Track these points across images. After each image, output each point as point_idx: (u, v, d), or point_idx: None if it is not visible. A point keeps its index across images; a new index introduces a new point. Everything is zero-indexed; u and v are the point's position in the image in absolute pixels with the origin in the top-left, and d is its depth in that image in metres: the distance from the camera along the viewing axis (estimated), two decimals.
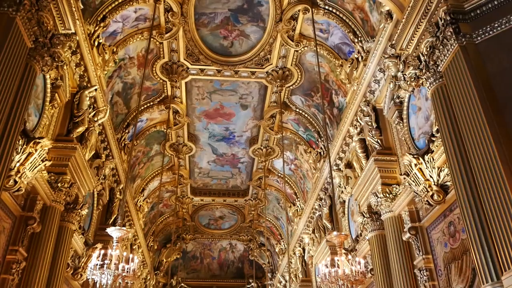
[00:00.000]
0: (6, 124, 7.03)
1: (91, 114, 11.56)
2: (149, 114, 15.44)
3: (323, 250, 15.04)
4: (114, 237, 7.06)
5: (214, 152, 18.66)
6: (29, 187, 9.41)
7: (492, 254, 6.15)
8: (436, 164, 8.66)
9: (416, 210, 9.87)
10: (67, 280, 11.76)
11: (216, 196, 21.72)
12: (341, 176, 13.84)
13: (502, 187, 6.09)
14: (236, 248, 26.64)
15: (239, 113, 16.35)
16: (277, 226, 23.00)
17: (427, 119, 9.37)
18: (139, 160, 17.10)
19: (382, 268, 10.43)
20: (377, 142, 11.14)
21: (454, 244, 8.43)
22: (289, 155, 18.01)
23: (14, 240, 9.15)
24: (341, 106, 13.44)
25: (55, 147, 10.03)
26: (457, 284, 8.11)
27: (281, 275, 22.72)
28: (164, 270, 25.19)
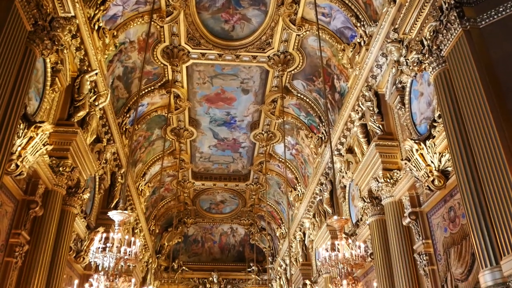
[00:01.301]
0: (7, 108, 7.02)
1: (92, 99, 11.54)
2: (150, 99, 15.40)
3: (323, 235, 15.12)
4: (116, 220, 7.09)
5: (215, 137, 18.67)
6: (31, 171, 9.44)
7: (491, 239, 6.18)
8: (438, 149, 8.65)
9: (416, 195, 9.90)
10: (70, 263, 11.86)
11: (217, 180, 21.78)
12: (342, 161, 13.86)
13: (503, 173, 6.09)
14: (237, 232, 26.80)
15: (240, 97, 16.30)
16: (278, 210, 23.10)
17: (429, 105, 9.34)
18: (140, 144, 17.11)
19: (382, 252, 10.50)
20: (378, 127, 11.11)
21: (454, 229, 8.46)
22: (290, 140, 18.00)
23: (16, 223, 9.21)
24: (343, 91, 13.39)
25: (56, 131, 10.03)
26: (456, 269, 8.16)
27: (282, 259, 22.90)
28: (166, 253, 25.40)
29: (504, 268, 5.82)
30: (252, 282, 26.33)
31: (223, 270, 26.57)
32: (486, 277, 6.10)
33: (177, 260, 25.94)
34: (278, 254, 24.25)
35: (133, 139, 15.22)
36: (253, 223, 25.66)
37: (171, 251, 24.95)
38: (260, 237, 26.10)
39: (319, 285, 16.08)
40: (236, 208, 24.60)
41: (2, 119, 6.91)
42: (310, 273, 18.06)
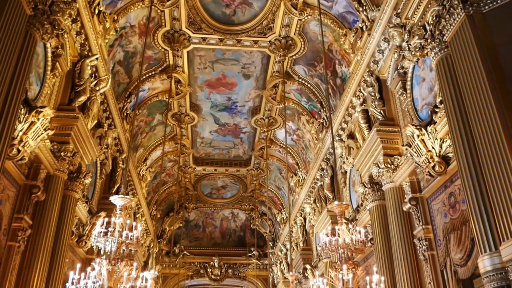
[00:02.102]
0: (8, 93, 7.01)
1: (93, 83, 11.51)
2: (151, 84, 15.36)
3: (324, 220, 15.19)
4: (117, 205, 7.12)
5: (216, 122, 18.65)
6: (32, 156, 9.46)
7: (491, 224, 6.22)
8: (439, 135, 8.65)
9: (417, 181, 9.92)
10: (72, 248, 11.95)
11: (218, 166, 21.81)
12: (343, 147, 13.87)
13: (504, 159, 6.10)
14: (238, 217, 26.92)
15: (241, 82, 16.25)
16: (279, 195, 23.18)
17: (431, 90, 9.31)
18: (141, 129, 17.11)
19: (382, 237, 10.56)
20: (380, 113, 11.09)
21: (454, 214, 8.50)
22: (291, 126, 17.99)
23: (19, 208, 9.27)
24: (344, 76, 13.33)
25: (57, 116, 10.04)
26: (455, 254, 8.21)
27: (282, 244, 23.04)
28: (167, 238, 25.57)
29: (503, 253, 5.86)
30: (253, 266, 26.53)
31: (224, 254, 26.75)
32: (485, 262, 6.14)
33: (179, 244, 26.11)
34: (279, 239, 24.40)
35: (134, 124, 15.22)
36: (254, 208, 25.76)
37: (173, 236, 25.10)
38: (261, 222, 26.23)
39: (319, 270, 16.19)
40: (237, 193, 24.69)
41: (3, 104, 6.90)
42: (311, 258, 18.19)
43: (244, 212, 26.30)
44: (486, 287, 6.09)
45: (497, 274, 5.93)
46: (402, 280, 9.55)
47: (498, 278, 5.92)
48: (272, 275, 25.98)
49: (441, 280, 8.91)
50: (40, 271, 9.28)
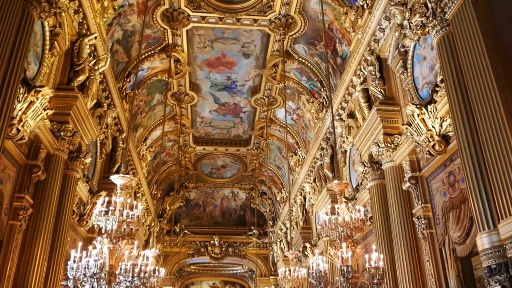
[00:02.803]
0: (6, 72, 6.96)
1: (92, 63, 11.44)
2: (150, 63, 15.27)
3: (323, 199, 15.28)
4: (118, 184, 7.16)
5: (216, 102, 18.59)
6: (32, 135, 9.46)
7: (490, 202, 6.25)
8: (439, 114, 8.63)
9: (417, 160, 9.94)
10: (73, 227, 12.05)
11: (218, 145, 21.84)
12: (343, 126, 13.86)
13: (504, 138, 6.10)
14: (238, 197, 27.07)
15: (241, 62, 16.14)
16: (279, 175, 23.27)
17: (432, 69, 9.26)
18: (141, 109, 17.07)
19: (381, 216, 10.63)
20: (380, 92, 11.05)
21: (453, 193, 8.54)
22: (291, 105, 17.94)
23: (19, 187, 9.31)
24: (345, 55, 13.24)
25: (56, 96, 10.01)
26: (454, 232, 8.28)
27: (282, 223, 23.22)
28: (168, 217, 25.75)
29: (501, 231, 5.90)
30: (253, 245, 26.79)
31: (225, 233, 26.97)
32: (484, 240, 6.19)
33: (179, 223, 26.33)
34: (279, 218, 24.57)
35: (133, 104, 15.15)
36: (254, 187, 25.88)
37: (173, 215, 25.27)
38: (261, 201, 26.38)
39: (319, 248, 16.34)
40: (237, 172, 24.77)
41: (2, 83, 6.87)
42: (310, 236, 18.34)
43: (244, 191, 26.43)
44: (484, 264, 6.15)
45: (495, 252, 5.98)
46: (400, 258, 9.65)
47: (496, 255, 5.97)
48: (272, 254, 26.26)
49: (439, 258, 9.00)
50: (42, 249, 9.37)
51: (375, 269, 6.78)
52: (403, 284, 9.46)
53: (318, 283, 7.09)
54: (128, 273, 6.61)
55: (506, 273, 5.85)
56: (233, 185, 25.88)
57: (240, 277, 31.10)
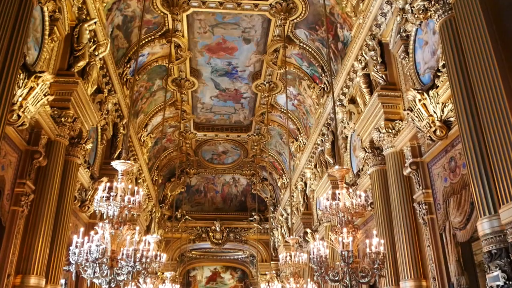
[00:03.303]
0: (6, 57, 6.92)
1: (92, 48, 11.38)
2: (150, 48, 15.18)
3: (324, 184, 15.31)
4: (119, 170, 7.16)
5: (217, 87, 18.53)
6: (33, 121, 9.45)
7: (491, 188, 6.25)
8: (441, 99, 8.60)
9: (418, 145, 9.93)
10: (75, 212, 12.10)
11: (219, 131, 21.83)
12: (344, 112, 13.82)
13: (506, 123, 6.07)
14: (239, 182, 27.12)
15: (241, 47, 16.05)
16: (280, 161, 23.28)
17: (434, 54, 9.20)
18: (142, 95, 17.03)
19: (382, 201, 10.66)
20: (381, 77, 11.00)
21: (454, 179, 8.54)
22: (292, 91, 17.88)
23: (21, 173, 9.33)
24: (346, 40, 13.15)
25: (57, 81, 9.98)
26: (455, 218, 8.30)
27: (283, 209, 23.30)
28: (169, 203, 25.83)
29: (502, 216, 5.92)
30: (254, 230, 26.92)
31: (226, 219, 27.08)
32: (484, 225, 6.21)
33: (180, 209, 26.43)
34: (280, 203, 24.65)
35: (134, 89, 15.14)
36: (255, 173, 25.92)
37: (174, 201, 25.36)
38: (262, 187, 26.45)
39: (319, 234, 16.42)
40: (238, 158, 24.79)
41: (2, 68, 6.83)
42: (311, 222, 18.41)
43: (245, 177, 26.48)
44: (485, 249, 6.17)
45: (496, 237, 6.00)
46: (401, 243, 9.70)
47: (496, 240, 6.00)
48: (273, 239, 26.40)
49: (440, 243, 9.04)
50: (44, 235, 9.42)
51: (376, 254, 6.80)
52: (403, 269, 9.52)
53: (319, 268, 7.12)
54: (130, 258, 6.64)
55: (507, 257, 5.87)
56: (234, 171, 25.91)
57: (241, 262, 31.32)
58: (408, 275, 9.38)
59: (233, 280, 32.16)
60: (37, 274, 9.10)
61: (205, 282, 32.01)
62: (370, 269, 6.77)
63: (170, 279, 13.37)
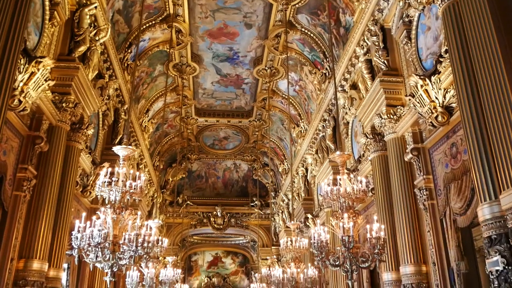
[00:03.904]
0: (6, 42, 6.88)
1: (92, 33, 11.32)
2: (151, 34, 15.10)
3: (325, 170, 15.33)
4: (120, 155, 7.17)
5: (218, 73, 18.47)
6: (34, 107, 9.45)
7: (492, 174, 6.26)
8: (443, 85, 8.57)
9: (419, 131, 9.93)
10: (77, 197, 12.15)
11: (220, 117, 21.80)
12: (345, 97, 13.79)
13: (508, 109, 6.05)
14: (240, 168, 27.17)
15: (243, 32, 15.95)
16: (281, 146, 23.30)
17: (436, 39, 9.14)
18: (143, 80, 16.98)
19: (383, 187, 10.69)
20: (383, 62, 10.95)
21: (455, 164, 8.55)
22: (293, 76, 17.82)
23: (23, 158, 9.35)
24: (348, 26, 13.06)
25: (58, 67, 9.95)
26: (455, 203, 8.33)
27: (284, 194, 23.38)
28: (170, 188, 25.92)
29: (502, 202, 5.93)
30: (255, 216, 27.03)
31: (227, 204, 27.18)
32: (485, 211, 6.23)
33: (182, 195, 26.52)
34: (281, 189, 24.73)
35: (135, 75, 15.09)
36: (256, 159, 25.95)
37: (176, 186, 25.44)
38: (263, 172, 26.49)
39: (320, 219, 16.49)
40: (239, 144, 24.80)
41: (2, 53, 6.80)
42: (312, 207, 18.49)
43: (246, 163, 26.52)
44: (485, 235, 6.20)
45: (496, 222, 6.03)
46: (401, 229, 9.75)
47: (496, 226, 6.02)
48: (274, 224, 26.53)
49: (440, 228, 9.09)
50: (46, 219, 9.48)
51: (376, 239, 6.84)
52: (403, 254, 9.59)
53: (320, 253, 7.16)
54: (131, 243, 6.68)
55: (506, 243, 5.90)
56: (235, 157, 25.95)
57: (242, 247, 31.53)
58: (408, 260, 9.45)
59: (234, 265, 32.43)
60: (40, 259, 9.17)
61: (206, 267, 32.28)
62: (370, 254, 6.82)
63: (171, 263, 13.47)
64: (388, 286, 9.92)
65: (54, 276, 9.68)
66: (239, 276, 32.23)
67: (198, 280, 32.01)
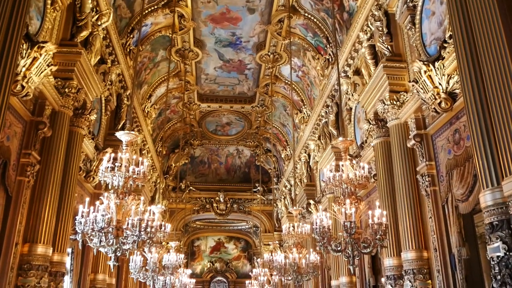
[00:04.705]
0: (8, 26, 6.86)
1: (94, 18, 11.26)
2: (153, 18, 15.01)
3: (328, 156, 15.33)
4: (123, 140, 7.19)
5: (221, 58, 18.39)
6: (37, 92, 9.45)
7: (494, 160, 6.24)
8: (446, 71, 8.52)
9: (422, 117, 9.90)
10: (81, 183, 12.21)
11: (223, 102, 21.77)
12: (348, 83, 13.73)
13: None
14: (243, 154, 27.20)
15: (246, 17, 15.84)
16: (283, 132, 23.29)
17: (441, 25, 9.06)
18: (145, 66, 16.93)
19: (385, 173, 10.69)
20: (387, 48, 10.88)
21: (458, 151, 8.54)
22: (296, 62, 17.73)
23: (26, 144, 9.38)
24: (352, 10, 12.95)
25: (60, 52, 9.92)
26: (457, 190, 8.33)
27: (287, 180, 23.43)
28: (173, 174, 26.01)
29: (505, 188, 5.93)
30: (257, 201, 27.13)
31: (229, 190, 27.27)
32: (487, 197, 6.23)
33: (185, 180, 26.61)
34: (283, 175, 24.78)
35: (137, 60, 15.04)
36: (258, 145, 25.97)
37: (178, 172, 25.52)
38: (266, 158, 26.52)
39: (322, 205, 16.56)
40: (242, 130, 24.80)
41: (5, 38, 6.77)
42: (314, 193, 18.54)
43: (249, 149, 26.54)
44: (486, 221, 6.21)
45: (498, 209, 6.03)
46: (403, 215, 9.77)
47: (498, 212, 6.02)
48: (276, 210, 26.64)
49: (441, 214, 9.11)
50: (50, 204, 9.54)
51: (378, 225, 6.86)
52: (405, 240, 9.63)
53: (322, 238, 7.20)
54: (135, 228, 6.73)
55: (508, 229, 5.91)
56: (237, 143, 25.96)
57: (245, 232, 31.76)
58: (409, 246, 9.49)
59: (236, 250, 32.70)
60: (44, 243, 9.26)
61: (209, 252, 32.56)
62: (372, 239, 6.85)
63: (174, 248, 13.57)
64: (390, 271, 9.98)
65: (58, 261, 9.78)
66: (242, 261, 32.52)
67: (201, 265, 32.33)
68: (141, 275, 11.73)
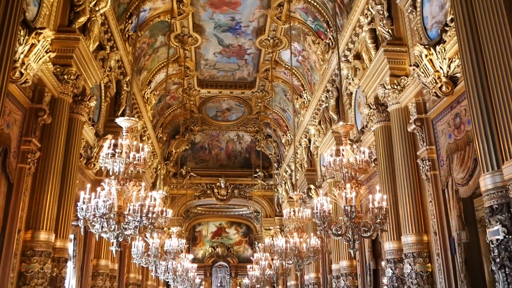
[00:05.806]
0: (5, 12, 6.78)
1: (92, 3, 11.16)
2: (152, 3, 14.88)
3: (328, 141, 15.33)
4: (123, 127, 7.18)
5: (220, 43, 18.27)
6: (36, 79, 9.41)
7: (495, 144, 6.24)
8: (448, 55, 8.47)
9: (423, 101, 9.87)
10: (81, 169, 12.23)
11: (223, 88, 21.70)
12: (349, 68, 13.67)
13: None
14: (243, 139, 27.20)
15: (245, 1, 15.70)
16: (284, 117, 23.25)
17: (442, 8, 8.98)
18: (144, 51, 16.84)
19: (385, 158, 10.70)
20: (388, 32, 10.80)
21: (458, 135, 8.53)
22: (296, 46, 17.63)
23: (26, 131, 9.38)
24: None
25: (58, 38, 9.88)
26: (457, 174, 8.35)
27: (287, 165, 23.46)
28: (174, 160, 26.04)
29: (505, 172, 5.94)
30: (258, 187, 27.21)
31: (230, 175, 27.34)
32: (487, 181, 6.24)
33: (185, 166, 26.66)
34: (284, 160, 24.80)
35: (136, 46, 14.95)
36: (259, 130, 25.96)
37: (179, 158, 25.55)
38: (266, 144, 26.53)
39: (323, 189, 16.61)
40: (242, 115, 24.76)
41: (2, 24, 6.71)
42: (315, 178, 18.57)
43: (249, 134, 26.54)
44: (486, 205, 6.23)
45: (498, 192, 6.05)
46: (403, 199, 9.80)
47: (498, 195, 6.04)
48: (277, 195, 26.74)
49: (442, 199, 9.13)
50: (51, 191, 9.58)
51: (378, 209, 6.88)
52: (405, 223, 9.67)
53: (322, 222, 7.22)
54: (136, 214, 6.76)
55: (507, 212, 5.94)
56: (238, 128, 25.94)
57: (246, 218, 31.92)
58: (409, 230, 9.53)
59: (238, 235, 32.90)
60: (47, 230, 9.30)
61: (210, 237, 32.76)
62: (372, 223, 6.87)
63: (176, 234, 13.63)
64: (390, 255, 10.05)
65: (61, 247, 9.84)
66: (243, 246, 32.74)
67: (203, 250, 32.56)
68: (143, 260, 11.81)
